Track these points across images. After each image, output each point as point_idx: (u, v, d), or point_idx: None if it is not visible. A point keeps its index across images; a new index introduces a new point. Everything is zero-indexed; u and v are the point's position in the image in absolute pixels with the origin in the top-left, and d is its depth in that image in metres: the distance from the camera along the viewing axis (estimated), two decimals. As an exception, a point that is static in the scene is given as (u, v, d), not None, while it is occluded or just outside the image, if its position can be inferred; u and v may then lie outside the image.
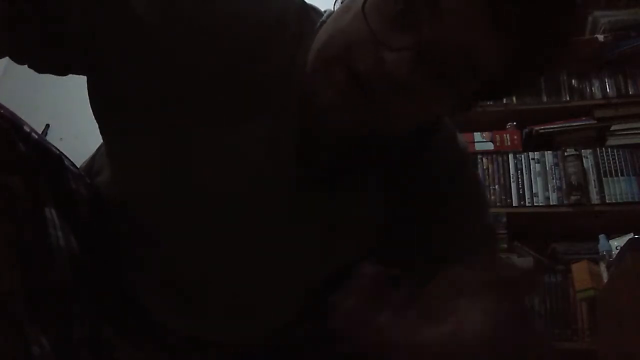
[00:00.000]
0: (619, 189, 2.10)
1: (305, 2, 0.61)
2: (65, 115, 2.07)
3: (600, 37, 2.20)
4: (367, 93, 0.49)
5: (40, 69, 0.56)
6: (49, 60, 0.55)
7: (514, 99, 2.32)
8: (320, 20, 0.58)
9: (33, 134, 0.57)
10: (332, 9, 0.58)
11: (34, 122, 0.61)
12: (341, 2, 0.55)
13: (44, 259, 0.54)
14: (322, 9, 0.62)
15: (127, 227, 0.65)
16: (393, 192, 0.65)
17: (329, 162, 0.60)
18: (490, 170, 2.26)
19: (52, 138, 1.11)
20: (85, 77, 0.58)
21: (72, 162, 0.64)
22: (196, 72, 0.53)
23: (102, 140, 0.75)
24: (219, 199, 0.58)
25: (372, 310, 0.44)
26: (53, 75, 0.57)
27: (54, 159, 0.60)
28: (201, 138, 0.55)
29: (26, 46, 0.54)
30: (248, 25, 0.55)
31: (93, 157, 0.72)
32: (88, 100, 0.59)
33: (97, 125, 0.60)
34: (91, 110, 0.59)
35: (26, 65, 0.56)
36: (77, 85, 0.61)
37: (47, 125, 2.58)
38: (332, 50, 0.51)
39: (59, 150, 0.61)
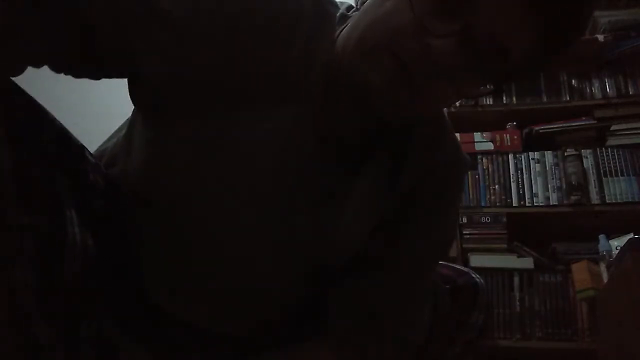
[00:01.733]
0: (619, 189, 2.10)
1: None
2: (66, 115, 2.07)
3: (600, 37, 2.20)
4: (411, 77, 0.52)
5: (78, 74, 0.57)
6: (86, 64, 0.56)
7: (514, 99, 2.33)
8: (339, 12, 0.61)
9: (56, 121, 0.58)
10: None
11: (34, 121, 0.61)
12: None
13: (58, 257, 0.54)
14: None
15: (148, 215, 0.65)
16: (394, 185, 0.67)
17: (348, 148, 0.63)
18: (490, 170, 2.26)
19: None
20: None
21: (90, 152, 0.64)
22: (217, 64, 0.55)
23: (103, 139, 0.76)
24: (243, 185, 0.60)
25: None
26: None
27: (76, 149, 0.60)
28: (229, 127, 0.57)
29: (63, 52, 0.55)
30: (268, 18, 0.57)
31: (105, 147, 0.73)
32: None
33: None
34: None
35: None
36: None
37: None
38: (376, 38, 0.53)
39: (79, 141, 0.62)
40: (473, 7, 0.49)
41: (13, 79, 0.52)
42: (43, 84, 0.56)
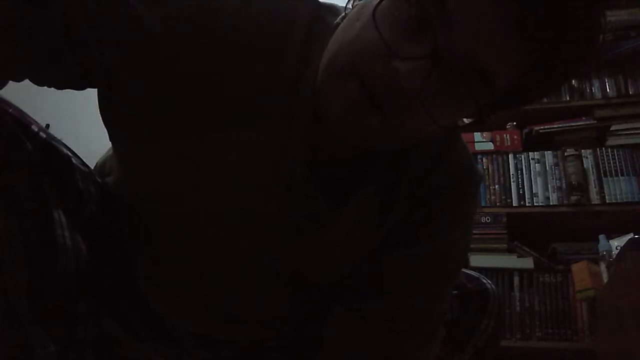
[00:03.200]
0: (619, 189, 2.10)
1: (320, 5, 0.58)
2: (65, 115, 2.06)
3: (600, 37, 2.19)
4: (378, 104, 0.47)
5: (59, 86, 0.56)
6: (66, 75, 0.55)
7: (514, 99, 2.32)
8: (335, 22, 0.56)
9: (41, 133, 0.57)
10: (346, 8, 0.55)
11: (34, 122, 0.61)
12: (352, 4, 0.53)
13: (49, 259, 0.54)
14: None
15: (134, 227, 0.65)
16: (391, 211, 0.63)
17: (334, 174, 0.60)
18: (490, 170, 2.26)
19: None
20: None
21: (82, 160, 0.64)
22: (199, 77, 0.53)
23: (104, 141, 0.75)
24: (223, 204, 0.57)
25: None
26: None
27: (62, 159, 0.60)
28: (206, 144, 0.54)
29: (42, 63, 0.53)
30: (254, 29, 0.53)
31: (105, 157, 0.72)
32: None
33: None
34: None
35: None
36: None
37: (47, 125, 2.56)
38: (342, 62, 0.49)
39: (68, 148, 0.61)
40: (444, 26, 0.44)
41: None
42: (41, 87, 0.56)
